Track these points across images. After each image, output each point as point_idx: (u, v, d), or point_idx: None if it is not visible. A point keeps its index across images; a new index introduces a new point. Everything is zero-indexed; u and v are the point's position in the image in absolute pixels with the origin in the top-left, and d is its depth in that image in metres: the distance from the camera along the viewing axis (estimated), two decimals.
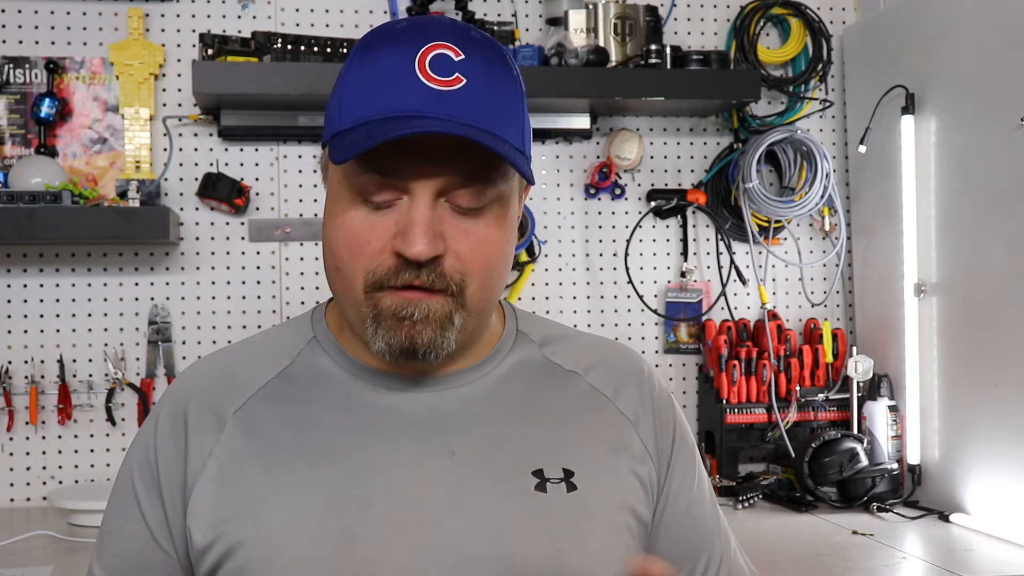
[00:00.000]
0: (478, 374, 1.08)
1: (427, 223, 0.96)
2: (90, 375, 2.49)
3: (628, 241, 2.71)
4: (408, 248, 0.95)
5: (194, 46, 2.52)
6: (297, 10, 2.60)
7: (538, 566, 0.98)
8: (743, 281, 2.76)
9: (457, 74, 0.96)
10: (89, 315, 2.50)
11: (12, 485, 2.45)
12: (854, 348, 2.65)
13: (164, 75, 2.54)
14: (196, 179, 2.53)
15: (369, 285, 0.98)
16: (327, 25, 2.60)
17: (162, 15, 2.55)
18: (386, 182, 0.97)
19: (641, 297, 2.69)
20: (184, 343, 2.54)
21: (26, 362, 2.46)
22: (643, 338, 2.73)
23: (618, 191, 2.73)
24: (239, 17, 2.57)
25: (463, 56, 0.97)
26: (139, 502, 1.06)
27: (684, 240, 2.75)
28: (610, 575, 1.00)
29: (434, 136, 0.94)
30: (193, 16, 2.56)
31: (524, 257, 2.68)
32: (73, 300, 2.49)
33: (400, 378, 1.05)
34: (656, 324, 2.75)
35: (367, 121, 0.95)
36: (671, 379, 2.73)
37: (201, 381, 1.10)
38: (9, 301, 2.47)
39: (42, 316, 2.48)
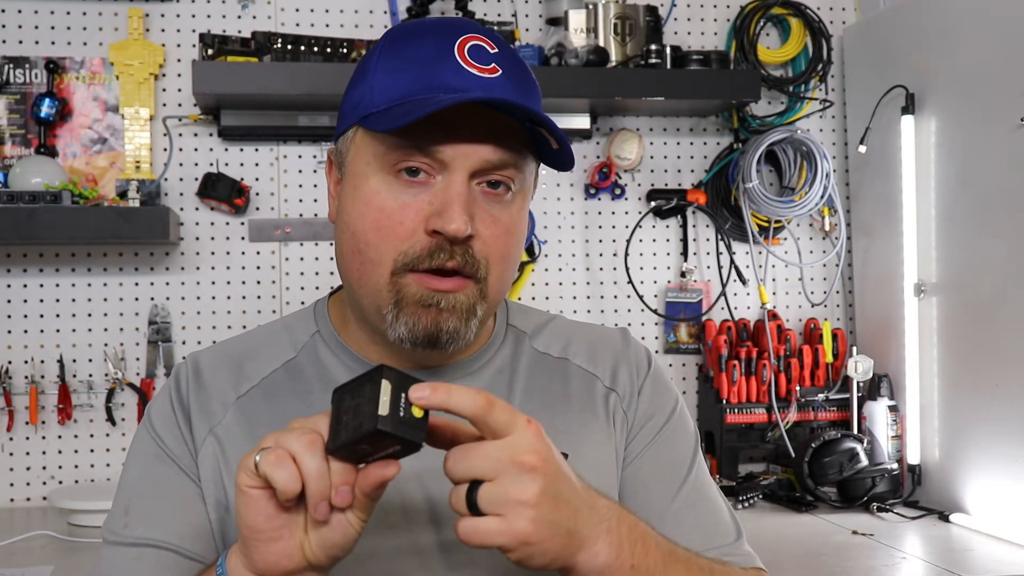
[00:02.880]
0: (473, 367, 1.09)
1: (465, 201, 0.96)
2: (90, 375, 2.49)
3: (628, 241, 2.71)
4: (447, 224, 0.95)
5: (194, 46, 2.52)
6: (297, 10, 2.60)
7: None
8: (743, 281, 2.76)
9: (494, 64, 0.98)
10: (89, 315, 2.50)
11: (12, 485, 2.45)
12: (854, 348, 2.65)
13: (164, 75, 2.54)
14: (196, 179, 2.53)
15: (399, 267, 0.98)
16: (327, 25, 2.60)
17: (162, 15, 2.54)
18: (424, 158, 0.97)
19: (641, 297, 2.69)
20: (184, 343, 2.54)
21: (26, 362, 2.46)
22: (643, 338, 2.73)
23: (618, 191, 2.73)
24: (239, 17, 2.57)
25: (497, 50, 0.99)
26: (172, 454, 1.05)
27: (684, 240, 2.75)
28: None
29: (476, 115, 0.95)
30: (193, 16, 2.56)
31: (524, 257, 2.67)
32: (73, 300, 2.49)
33: None
34: (656, 324, 2.75)
35: (410, 99, 0.96)
36: (671, 379, 2.72)
37: (213, 361, 1.11)
38: (9, 301, 2.47)
39: (42, 316, 2.48)
